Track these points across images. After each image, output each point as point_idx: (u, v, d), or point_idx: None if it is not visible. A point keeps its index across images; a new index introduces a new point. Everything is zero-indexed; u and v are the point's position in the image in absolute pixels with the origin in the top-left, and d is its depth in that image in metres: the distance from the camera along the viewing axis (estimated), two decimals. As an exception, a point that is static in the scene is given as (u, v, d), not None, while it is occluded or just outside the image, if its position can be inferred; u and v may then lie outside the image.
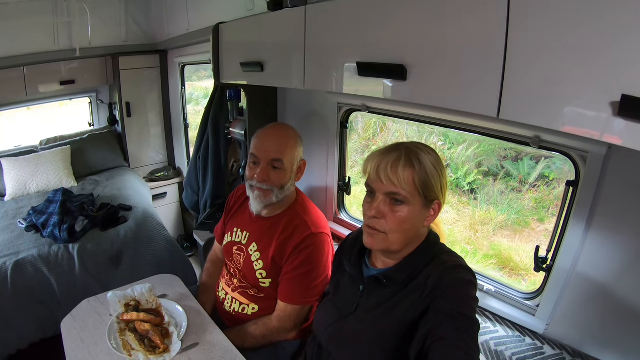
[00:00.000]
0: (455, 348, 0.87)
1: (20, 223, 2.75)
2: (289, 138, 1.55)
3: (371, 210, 1.07)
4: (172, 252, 2.75)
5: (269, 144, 1.53)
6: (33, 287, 2.29)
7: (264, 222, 1.61)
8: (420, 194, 1.04)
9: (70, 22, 3.33)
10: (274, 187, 1.52)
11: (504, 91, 0.87)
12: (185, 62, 3.60)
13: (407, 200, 1.04)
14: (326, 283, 1.52)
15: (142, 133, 4.03)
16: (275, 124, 1.69)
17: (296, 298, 1.52)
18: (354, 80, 1.28)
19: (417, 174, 1.04)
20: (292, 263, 1.51)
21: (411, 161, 1.04)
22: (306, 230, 1.51)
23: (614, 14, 0.69)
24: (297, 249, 1.50)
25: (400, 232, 1.06)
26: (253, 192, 1.55)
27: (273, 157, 1.51)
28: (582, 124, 0.78)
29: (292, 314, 1.53)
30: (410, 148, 1.07)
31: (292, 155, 1.54)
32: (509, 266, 2.42)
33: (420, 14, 1.05)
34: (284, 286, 1.53)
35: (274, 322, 1.55)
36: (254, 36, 1.86)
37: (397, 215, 1.05)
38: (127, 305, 1.46)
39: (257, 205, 1.56)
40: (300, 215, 1.56)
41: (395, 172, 1.03)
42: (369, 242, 1.11)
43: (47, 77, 3.51)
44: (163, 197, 3.96)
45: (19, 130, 4.06)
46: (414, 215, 1.06)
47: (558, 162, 2.20)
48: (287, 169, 1.53)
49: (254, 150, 1.54)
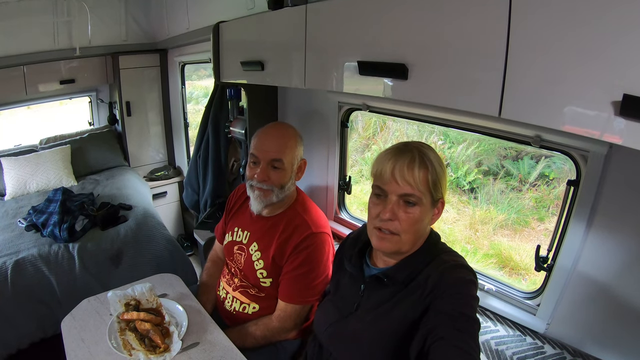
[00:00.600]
0: (456, 348, 0.87)
1: (20, 222, 2.75)
2: (289, 137, 1.55)
3: (385, 213, 1.06)
4: (172, 251, 2.75)
5: (268, 143, 1.52)
6: (33, 287, 2.29)
7: (265, 222, 1.60)
8: (430, 193, 1.05)
9: (70, 21, 3.32)
10: (274, 186, 1.51)
11: (505, 90, 0.86)
12: (185, 61, 3.60)
13: (419, 201, 1.05)
14: (326, 282, 1.52)
15: (142, 132, 4.03)
16: (275, 123, 1.69)
17: (296, 297, 1.52)
18: (355, 79, 1.28)
19: (430, 174, 1.05)
20: (292, 263, 1.50)
21: (425, 162, 1.05)
22: (306, 229, 1.51)
23: (616, 13, 0.69)
24: (297, 249, 1.50)
25: (411, 233, 1.07)
26: (253, 191, 1.54)
27: (273, 157, 1.50)
28: (583, 124, 0.78)
29: (292, 313, 1.53)
30: (420, 149, 1.07)
31: (292, 154, 1.54)
32: (509, 265, 2.42)
33: (421, 12, 1.05)
34: (284, 286, 1.53)
35: (274, 322, 1.55)
36: (254, 35, 1.86)
37: (409, 216, 1.05)
38: (128, 304, 1.46)
39: (258, 205, 1.56)
40: (300, 214, 1.55)
41: (412, 173, 1.04)
42: (381, 245, 1.10)
43: (47, 76, 3.50)
44: (163, 196, 3.97)
45: (19, 129, 4.06)
46: (424, 215, 1.07)
47: (558, 162, 2.20)
48: (287, 169, 1.52)
49: (254, 150, 1.54)
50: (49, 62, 3.43)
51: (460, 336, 0.89)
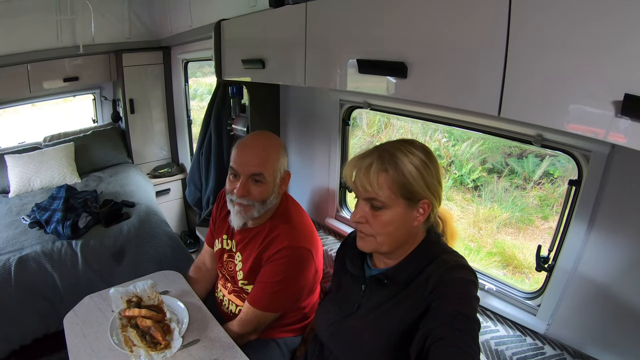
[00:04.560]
0: (456, 348, 0.87)
1: (24, 219, 2.77)
2: (271, 150, 1.47)
3: (355, 215, 1.10)
4: (174, 248, 2.76)
5: (249, 156, 1.44)
6: (36, 283, 2.31)
7: (247, 233, 1.56)
8: (400, 196, 1.04)
9: (74, 19, 3.33)
10: (255, 202, 1.45)
11: (505, 89, 0.86)
12: (188, 58, 3.60)
13: (385, 205, 1.04)
14: (298, 298, 1.51)
15: (146, 129, 4.04)
16: (257, 133, 1.59)
17: (261, 304, 1.47)
18: (355, 77, 1.27)
19: (392, 177, 1.03)
20: (264, 271, 1.48)
21: (384, 165, 1.03)
22: (282, 242, 1.45)
23: (617, 11, 0.68)
24: (271, 259, 1.45)
25: (385, 235, 1.07)
26: (233, 206, 1.49)
27: (253, 172, 1.43)
28: (583, 123, 0.77)
29: (253, 318, 1.49)
30: (385, 151, 1.06)
31: (274, 167, 1.46)
32: (513, 264, 2.42)
33: (421, 10, 1.04)
34: (254, 291, 1.50)
35: (235, 327, 1.51)
36: (255, 33, 1.85)
37: (378, 219, 1.06)
38: (129, 301, 1.47)
39: (238, 220, 1.49)
40: (280, 226, 1.50)
41: (367, 178, 1.04)
42: (359, 245, 1.14)
43: (51, 73, 3.52)
44: (166, 193, 3.99)
45: (23, 127, 4.09)
46: (398, 217, 1.05)
47: (563, 160, 2.18)
48: (269, 182, 1.45)
49: (233, 163, 1.46)
50: (52, 59, 3.45)
51: (461, 336, 0.89)
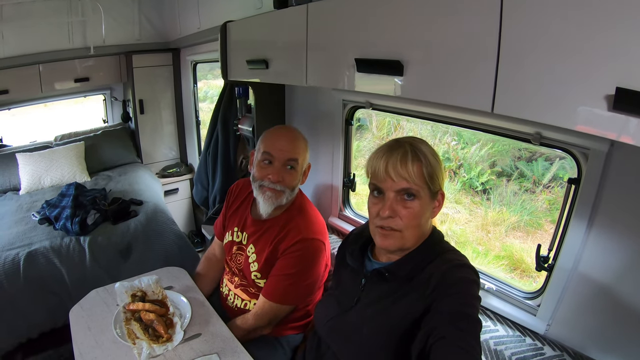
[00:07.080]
0: (458, 348, 0.87)
1: (34, 216, 2.83)
2: (301, 140, 1.54)
3: (385, 211, 1.06)
4: (181, 246, 2.79)
5: (285, 143, 1.49)
6: (45, 278, 2.36)
7: (262, 224, 1.58)
8: (427, 186, 1.06)
9: (85, 21, 3.41)
10: (287, 188, 1.49)
11: (497, 85, 0.86)
12: (197, 60, 3.65)
13: (418, 194, 1.05)
14: (311, 291, 1.52)
15: (155, 130, 4.09)
16: (283, 125, 1.68)
17: (276, 296, 1.49)
18: (354, 76, 1.28)
19: (425, 166, 1.05)
20: (280, 264, 1.49)
21: (417, 155, 1.06)
22: (298, 234, 1.48)
23: (607, 5, 0.68)
24: (287, 252, 1.48)
25: (413, 228, 1.07)
26: (264, 193, 1.49)
27: (290, 157, 1.48)
28: (577, 119, 0.77)
29: (269, 311, 1.51)
30: (411, 143, 1.08)
31: (304, 156, 1.53)
32: (521, 267, 2.39)
33: (415, 9, 1.05)
34: (269, 283, 1.52)
35: (250, 320, 1.53)
36: (260, 34, 1.88)
37: (409, 210, 1.06)
38: (134, 295, 1.49)
39: (268, 207, 1.51)
40: (296, 218, 1.53)
41: (405, 167, 1.04)
42: (384, 243, 1.10)
43: (62, 74, 3.60)
44: (175, 192, 4.03)
45: (34, 126, 4.16)
46: (424, 208, 1.07)
47: (572, 163, 2.16)
48: (298, 171, 1.51)
49: (269, 148, 1.49)
50: (64, 60, 3.52)
51: (463, 336, 0.89)
